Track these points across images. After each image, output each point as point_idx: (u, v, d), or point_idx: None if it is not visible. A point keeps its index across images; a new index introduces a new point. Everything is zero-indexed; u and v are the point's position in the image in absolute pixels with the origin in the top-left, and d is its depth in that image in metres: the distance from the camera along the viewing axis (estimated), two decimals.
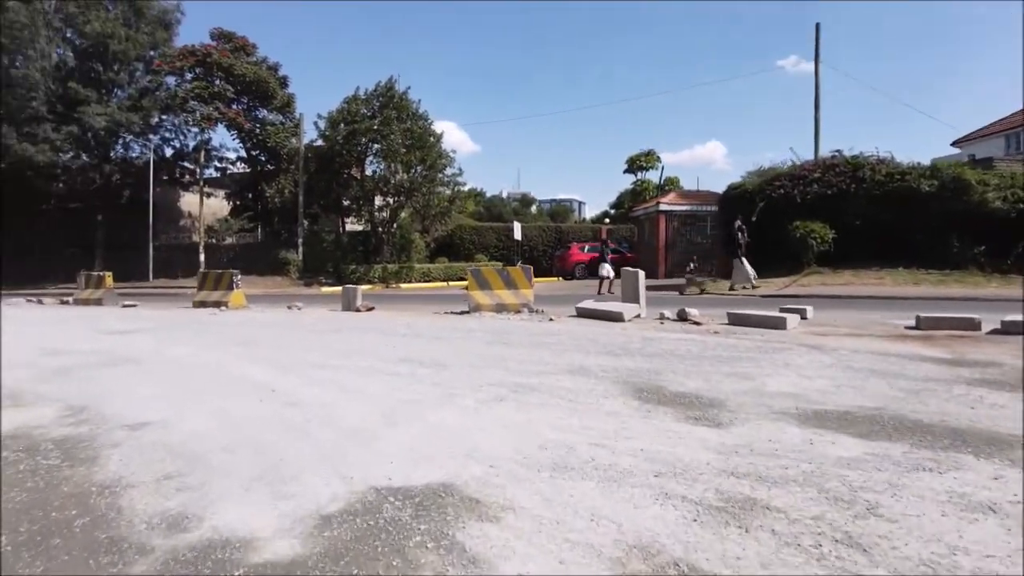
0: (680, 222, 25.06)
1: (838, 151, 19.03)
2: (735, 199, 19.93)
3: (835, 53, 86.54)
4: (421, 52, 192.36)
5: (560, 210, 64.10)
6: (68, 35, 28.42)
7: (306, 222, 28.22)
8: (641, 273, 9.83)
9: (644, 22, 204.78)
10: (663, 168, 43.45)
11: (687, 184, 43.40)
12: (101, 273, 13.89)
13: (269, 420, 3.79)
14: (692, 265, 19.60)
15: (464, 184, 29.05)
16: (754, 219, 17.62)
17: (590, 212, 72.00)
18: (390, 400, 4.22)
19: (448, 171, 28.29)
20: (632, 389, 4.37)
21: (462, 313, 10.00)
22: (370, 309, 10.60)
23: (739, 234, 16.55)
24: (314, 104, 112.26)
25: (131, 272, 27.60)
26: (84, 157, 29.36)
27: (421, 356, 5.84)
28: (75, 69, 28.00)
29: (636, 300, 9.37)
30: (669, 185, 39.99)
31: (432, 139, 27.48)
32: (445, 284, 26.79)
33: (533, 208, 62.02)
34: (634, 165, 43.91)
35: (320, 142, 28.17)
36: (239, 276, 11.97)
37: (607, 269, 17.11)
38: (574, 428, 3.44)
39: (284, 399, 4.33)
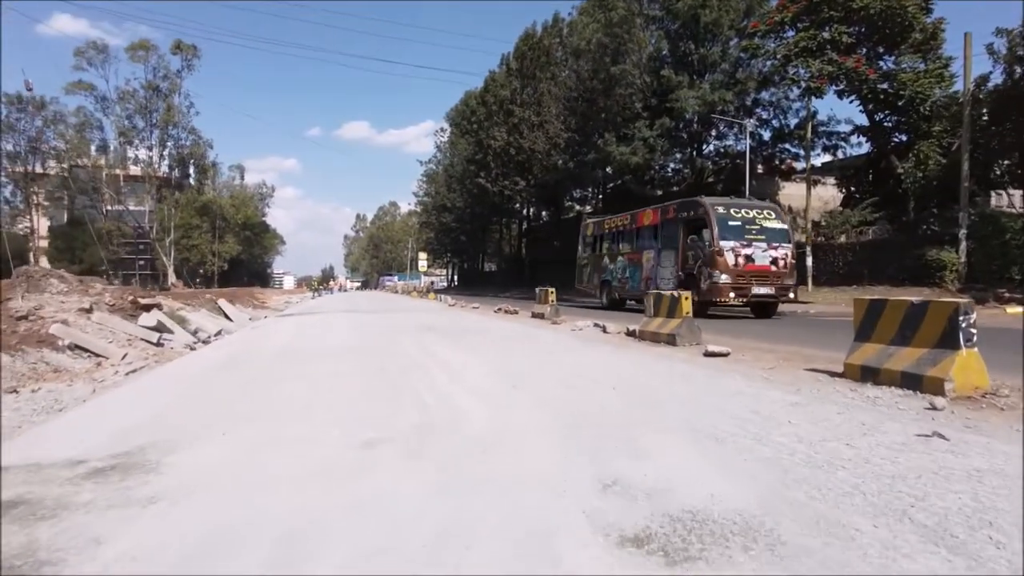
0: None
1: None
2: None
3: None
4: None
5: None
6: (662, 21, 27.04)
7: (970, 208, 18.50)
8: None
9: None
10: None
11: None
12: (676, 293, 7.72)
13: None
14: None
15: None
16: None
17: None
18: None
19: None
20: None
21: None
22: None
23: None
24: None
25: None
26: (677, 154, 28.42)
27: None
28: (668, 56, 26.71)
29: None
30: None
31: None
32: None
33: None
34: None
35: (996, 78, 18.24)
36: (972, 315, 3.58)
37: None
38: None
39: None
